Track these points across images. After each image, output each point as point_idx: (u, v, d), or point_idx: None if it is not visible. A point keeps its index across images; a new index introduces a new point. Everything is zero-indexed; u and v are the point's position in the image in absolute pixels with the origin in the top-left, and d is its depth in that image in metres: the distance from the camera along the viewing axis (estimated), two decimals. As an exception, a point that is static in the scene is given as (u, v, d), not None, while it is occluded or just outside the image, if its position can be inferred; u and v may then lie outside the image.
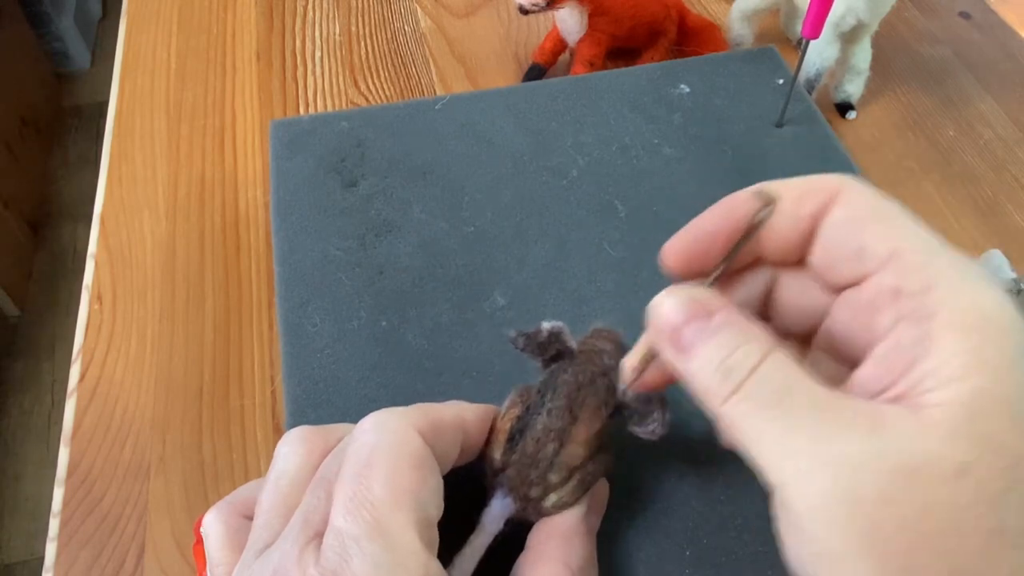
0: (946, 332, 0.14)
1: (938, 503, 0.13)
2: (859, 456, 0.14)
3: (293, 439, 0.18)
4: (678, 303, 0.16)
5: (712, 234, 0.18)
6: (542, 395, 0.19)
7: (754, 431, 0.15)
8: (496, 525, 0.18)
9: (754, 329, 0.16)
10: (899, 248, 0.16)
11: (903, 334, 0.15)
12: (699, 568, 0.20)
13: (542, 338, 0.20)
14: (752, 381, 0.15)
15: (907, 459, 0.14)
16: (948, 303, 0.15)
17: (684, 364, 0.16)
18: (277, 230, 0.27)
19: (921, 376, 0.14)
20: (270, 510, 0.17)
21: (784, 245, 0.17)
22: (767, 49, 0.33)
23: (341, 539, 0.15)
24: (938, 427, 0.14)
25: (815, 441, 0.14)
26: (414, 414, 0.17)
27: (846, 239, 0.16)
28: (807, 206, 0.17)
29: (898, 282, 0.15)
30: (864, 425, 0.14)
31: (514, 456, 0.18)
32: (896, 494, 0.13)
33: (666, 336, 0.16)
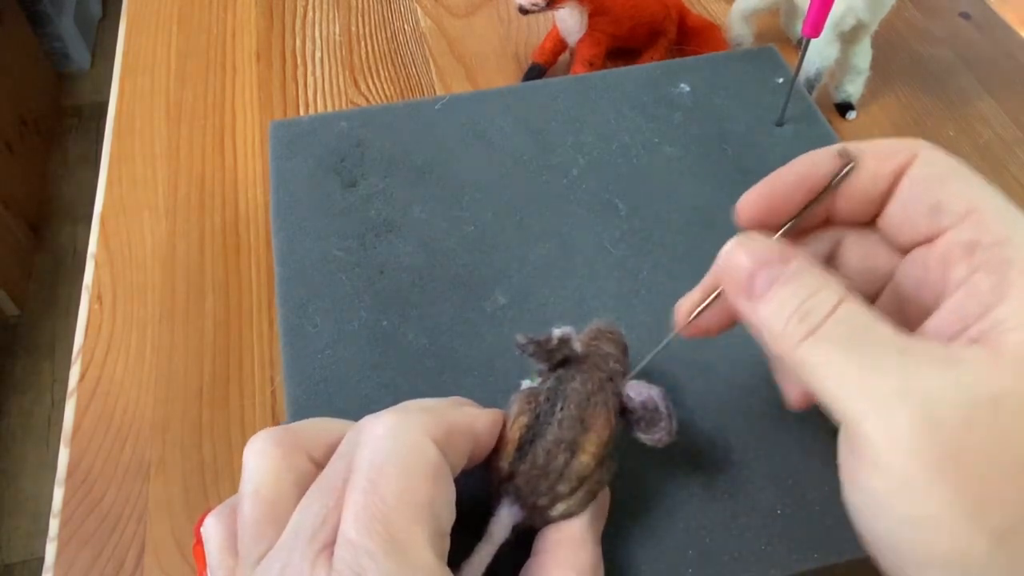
0: (1022, 279, 0.15)
1: (1016, 432, 0.14)
2: (939, 389, 0.14)
3: (263, 446, 0.18)
4: (752, 249, 0.17)
5: (791, 187, 0.18)
6: (552, 403, 0.19)
7: (832, 369, 0.15)
8: (503, 533, 0.18)
9: (829, 276, 0.16)
10: (976, 205, 0.16)
11: (979, 281, 0.15)
12: (701, 568, 0.20)
13: (552, 345, 0.20)
14: (830, 322, 0.15)
15: (986, 391, 0.14)
16: (1023, 253, 0.15)
17: (755, 309, 0.16)
18: (277, 230, 0.27)
19: (997, 320, 0.15)
20: (258, 521, 0.17)
21: (861, 203, 0.18)
22: (767, 48, 0.33)
23: (355, 553, 0.15)
24: (1015, 364, 0.14)
25: (895, 376, 0.14)
26: (429, 421, 0.17)
27: (924, 195, 0.17)
28: (889, 164, 0.17)
29: (975, 236, 0.16)
30: (943, 362, 0.14)
31: (523, 466, 0.18)
32: (976, 423, 0.14)
33: (740, 281, 0.16)
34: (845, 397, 0.15)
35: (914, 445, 0.14)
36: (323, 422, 0.19)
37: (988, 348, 0.14)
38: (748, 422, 0.23)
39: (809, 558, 0.21)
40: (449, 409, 0.18)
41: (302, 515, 0.16)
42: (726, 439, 0.22)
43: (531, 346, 0.20)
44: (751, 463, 0.22)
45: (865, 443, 0.14)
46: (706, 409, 0.23)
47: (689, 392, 0.23)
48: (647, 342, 0.21)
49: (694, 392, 0.23)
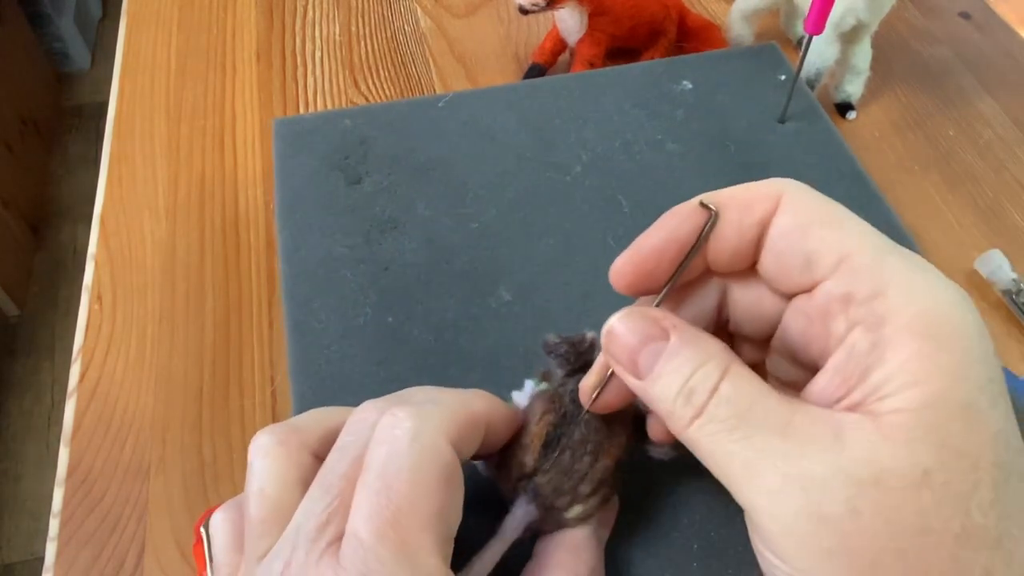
0: (898, 338, 0.14)
1: (904, 512, 0.13)
2: (823, 472, 0.14)
3: (267, 443, 0.18)
4: (632, 325, 0.16)
5: (659, 250, 0.17)
6: (578, 405, 0.19)
7: (720, 453, 0.15)
8: (516, 532, 0.18)
9: (710, 346, 0.16)
10: (847, 253, 0.15)
11: (857, 341, 0.15)
12: (706, 560, 0.20)
13: (584, 347, 0.20)
14: (714, 402, 0.15)
15: (869, 471, 0.14)
16: (899, 307, 0.14)
17: (644, 389, 0.16)
18: (282, 228, 0.27)
19: (877, 383, 0.14)
20: (263, 519, 0.17)
21: (732, 255, 0.17)
22: (769, 45, 0.34)
23: (364, 554, 0.15)
24: (896, 434, 0.14)
25: (780, 461, 0.14)
26: (447, 420, 0.17)
27: (793, 247, 0.16)
28: (751, 215, 0.17)
29: (848, 288, 0.15)
30: (825, 439, 0.14)
31: (547, 463, 0.18)
32: (862, 508, 0.13)
33: (623, 360, 0.16)
34: (736, 482, 0.15)
35: (806, 538, 0.14)
36: (321, 413, 0.19)
37: (868, 416, 0.14)
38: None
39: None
40: (463, 398, 0.18)
41: (306, 511, 0.16)
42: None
43: (563, 345, 0.20)
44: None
45: (762, 533, 0.15)
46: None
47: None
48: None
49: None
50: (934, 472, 0.13)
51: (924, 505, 0.13)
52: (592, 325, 0.25)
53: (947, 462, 0.13)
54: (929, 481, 0.13)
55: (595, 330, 0.21)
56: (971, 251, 0.35)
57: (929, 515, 0.13)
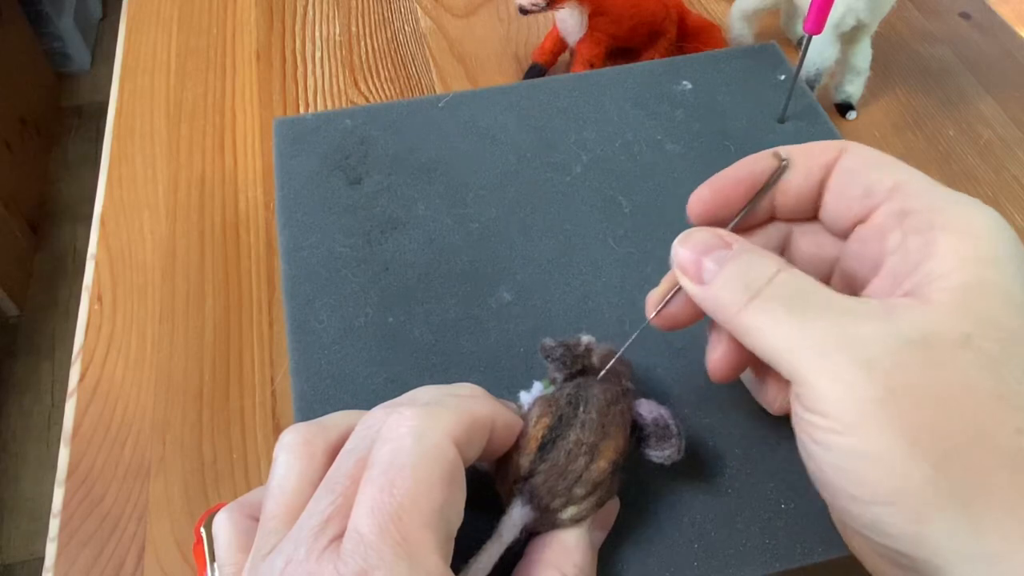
0: (947, 236, 0.16)
1: (946, 369, 0.15)
2: (873, 335, 0.15)
3: (292, 441, 0.18)
4: (698, 239, 0.18)
5: (734, 183, 0.19)
6: (574, 407, 0.19)
7: (774, 327, 0.16)
8: (513, 533, 0.18)
9: (768, 253, 0.18)
10: (901, 180, 0.17)
11: (910, 244, 0.17)
12: (707, 561, 0.20)
13: (580, 350, 0.20)
14: (771, 287, 0.16)
15: (916, 333, 0.15)
16: (948, 215, 0.16)
17: (704, 290, 0.17)
18: (283, 227, 0.27)
19: (926, 273, 0.16)
20: (275, 516, 0.17)
21: (798, 198, 0.19)
22: (768, 45, 0.34)
23: (365, 549, 0.15)
24: (942, 307, 0.15)
25: (832, 327, 0.15)
26: (452, 420, 0.17)
27: (854, 182, 0.18)
28: (818, 160, 0.19)
29: (904, 205, 0.17)
30: (876, 312, 0.16)
31: (543, 465, 0.18)
32: (908, 362, 0.15)
33: (688, 267, 0.18)
34: (787, 350, 0.16)
35: (853, 386, 0.15)
36: (349, 414, 0.19)
37: (918, 297, 0.16)
38: (751, 417, 0.23)
39: (813, 552, 0.21)
40: (469, 401, 0.18)
41: (310, 509, 0.16)
42: (730, 435, 0.23)
43: (559, 349, 0.20)
44: (754, 458, 0.22)
45: (808, 390, 0.15)
46: (710, 405, 0.23)
47: (692, 389, 0.23)
48: (653, 339, 0.21)
49: (697, 389, 0.23)
50: (975, 338, 0.15)
51: (966, 364, 0.15)
52: (592, 325, 0.25)
53: (986, 332, 0.15)
54: (970, 344, 0.15)
55: (595, 331, 0.21)
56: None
57: (970, 373, 0.15)
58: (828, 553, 0.21)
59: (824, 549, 0.21)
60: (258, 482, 0.29)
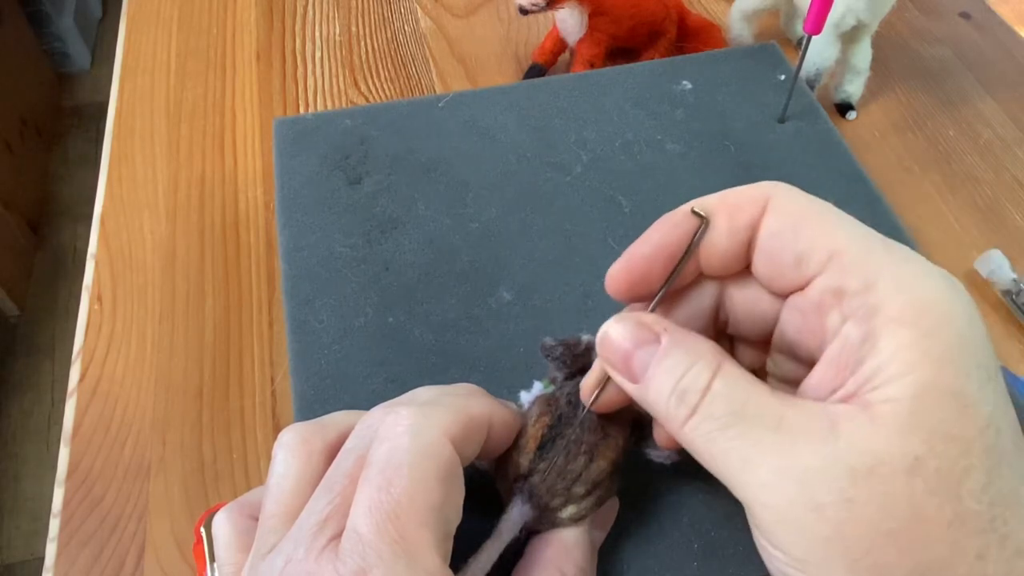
0: (889, 328, 0.14)
1: (897, 499, 0.14)
2: (817, 463, 0.14)
3: (291, 440, 0.18)
4: (624, 329, 0.17)
5: (650, 257, 0.18)
6: (573, 407, 0.19)
7: (716, 451, 0.15)
8: (512, 532, 0.18)
9: (701, 346, 0.16)
10: (836, 249, 0.16)
11: (849, 334, 0.15)
12: (707, 560, 0.20)
13: (580, 349, 0.20)
14: (707, 400, 0.15)
15: (861, 459, 0.14)
16: (889, 298, 0.15)
17: (639, 391, 0.17)
18: (282, 227, 0.27)
19: (869, 374, 0.14)
20: (274, 515, 0.17)
21: (724, 259, 0.17)
22: (768, 45, 0.34)
23: (362, 546, 0.15)
24: (887, 423, 0.14)
25: (774, 454, 0.14)
26: (448, 419, 0.17)
27: (783, 247, 0.16)
28: (740, 219, 0.17)
29: (840, 283, 0.15)
30: (818, 431, 0.14)
31: (542, 464, 0.18)
32: (856, 496, 0.14)
33: (618, 364, 0.17)
34: (733, 477, 0.15)
35: (802, 529, 0.14)
36: (348, 414, 0.19)
37: (862, 406, 0.14)
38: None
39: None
40: (466, 401, 0.18)
41: (309, 509, 0.16)
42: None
43: (560, 348, 0.20)
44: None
45: (760, 524, 0.15)
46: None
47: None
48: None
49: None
50: (925, 459, 0.14)
51: (916, 492, 0.14)
52: (592, 325, 0.25)
53: (938, 449, 0.14)
54: (921, 468, 0.14)
55: (595, 331, 0.21)
56: (971, 251, 0.35)
57: (922, 501, 0.14)
58: (828, 553, 0.21)
59: (824, 549, 0.21)
60: (258, 482, 0.29)
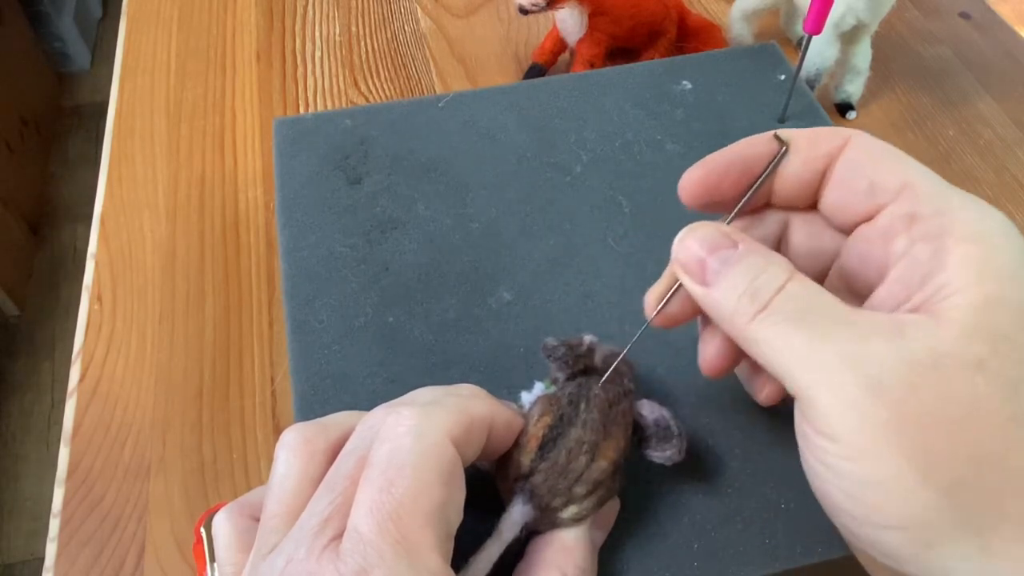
0: (959, 246, 0.15)
1: (958, 392, 0.14)
2: (883, 356, 0.15)
3: (293, 440, 0.18)
4: (701, 236, 0.17)
5: (728, 166, 0.18)
6: (575, 407, 0.19)
7: (782, 343, 0.16)
8: (513, 531, 0.18)
9: (776, 256, 0.17)
10: (910, 180, 0.17)
11: (919, 251, 0.16)
12: (707, 560, 0.20)
13: (582, 350, 0.20)
14: (779, 299, 0.16)
15: (928, 354, 0.14)
16: (959, 222, 0.16)
17: (708, 292, 0.17)
18: (282, 227, 0.27)
19: (938, 286, 0.15)
20: (275, 515, 0.17)
21: (797, 187, 0.18)
22: (768, 45, 0.34)
23: (364, 548, 0.15)
24: (955, 326, 0.15)
25: (841, 345, 0.15)
26: (450, 419, 0.17)
27: (858, 177, 0.17)
28: (820, 149, 0.18)
29: (912, 208, 0.16)
30: (887, 330, 0.15)
31: (543, 464, 0.18)
32: (919, 385, 0.14)
33: (691, 266, 0.17)
34: (796, 368, 0.15)
35: (862, 411, 0.14)
36: (351, 415, 0.19)
37: (930, 314, 0.15)
38: (751, 418, 0.23)
39: (812, 552, 0.21)
40: (468, 401, 0.18)
41: (310, 509, 0.16)
42: (729, 435, 0.23)
43: (561, 348, 0.20)
44: (754, 458, 0.22)
45: (816, 412, 0.15)
46: (710, 405, 0.23)
47: (692, 388, 0.23)
48: (652, 338, 0.21)
49: (697, 389, 0.23)
50: (988, 360, 0.14)
51: (979, 387, 0.14)
52: (592, 325, 0.25)
53: (1001, 352, 0.14)
54: (984, 367, 0.14)
55: (595, 331, 0.21)
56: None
57: (983, 397, 0.14)
58: (828, 553, 0.21)
59: (824, 549, 0.21)
60: (258, 482, 0.29)
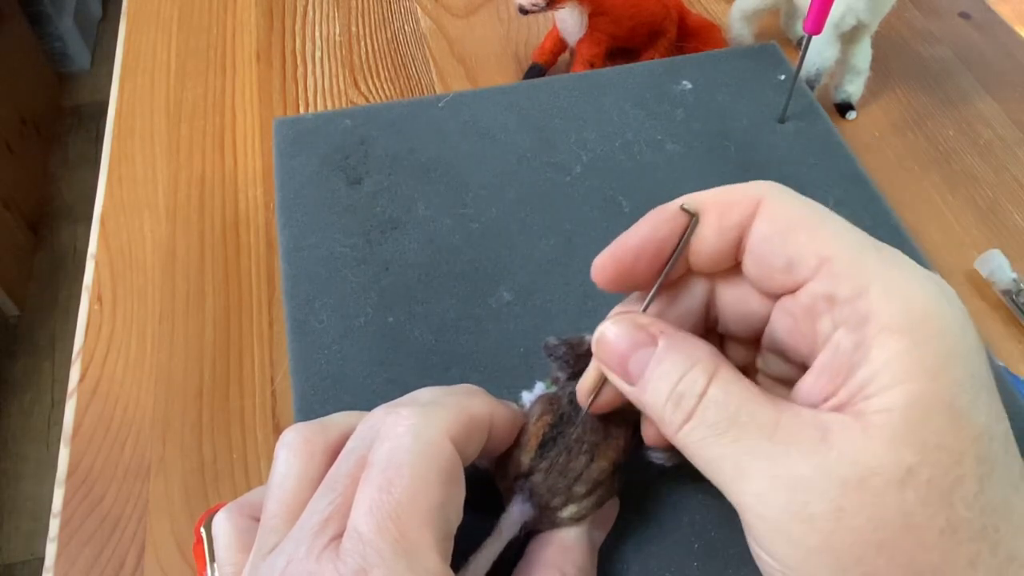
0: (881, 337, 0.14)
1: (888, 509, 0.14)
2: (808, 473, 0.14)
3: (293, 440, 0.18)
4: (621, 331, 0.17)
5: (638, 249, 0.18)
6: (575, 406, 0.19)
7: (710, 457, 0.15)
8: (513, 530, 0.18)
9: (698, 350, 0.16)
10: (827, 254, 0.15)
11: (841, 341, 0.15)
12: (707, 560, 0.20)
13: (583, 349, 0.20)
14: (701, 407, 0.15)
15: (853, 470, 0.14)
16: (881, 306, 0.15)
17: (635, 394, 0.17)
18: (283, 227, 0.27)
19: (861, 383, 0.14)
20: (275, 515, 0.17)
21: (713, 257, 0.17)
22: (768, 45, 0.34)
23: (364, 547, 0.15)
24: (880, 434, 0.14)
25: (767, 462, 0.15)
26: (449, 419, 0.17)
27: (773, 251, 0.16)
28: (731, 219, 0.17)
29: (831, 289, 0.15)
30: (811, 440, 0.14)
31: (543, 463, 0.18)
32: (847, 506, 0.14)
33: (614, 366, 0.17)
34: (727, 483, 0.15)
35: (792, 538, 0.14)
36: (351, 415, 0.19)
37: (856, 415, 0.14)
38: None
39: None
40: (467, 400, 0.18)
41: (310, 509, 0.16)
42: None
43: (562, 347, 0.20)
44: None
45: (750, 529, 0.15)
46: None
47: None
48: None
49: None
50: (917, 469, 0.14)
51: (908, 502, 0.14)
52: (592, 325, 0.25)
53: (930, 459, 0.14)
54: (913, 478, 0.14)
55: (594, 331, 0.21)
56: (971, 251, 0.35)
57: (913, 511, 0.14)
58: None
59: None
60: (258, 482, 0.29)
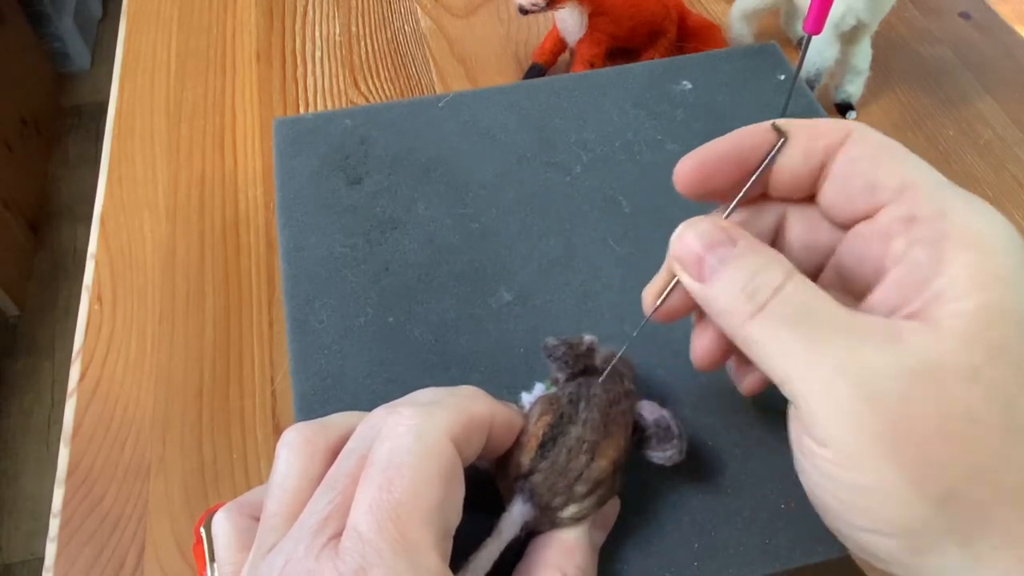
0: (958, 251, 0.15)
1: (953, 404, 0.14)
2: (880, 364, 0.14)
3: (294, 439, 0.18)
4: (699, 231, 0.17)
5: (724, 156, 0.18)
6: (575, 406, 0.19)
7: (778, 346, 0.15)
8: (513, 530, 0.18)
9: (775, 255, 0.17)
10: (911, 180, 0.16)
11: (918, 255, 0.16)
12: (707, 560, 0.20)
13: (582, 349, 0.20)
14: (777, 300, 0.16)
15: (923, 364, 0.14)
16: (959, 226, 0.15)
17: (705, 289, 0.17)
18: (283, 227, 0.27)
19: (935, 293, 0.15)
20: (275, 514, 0.17)
21: (795, 179, 0.18)
22: (768, 45, 0.34)
23: (362, 545, 0.15)
24: (952, 335, 0.14)
25: (838, 352, 0.15)
26: (450, 419, 0.17)
27: (859, 174, 0.17)
28: (820, 142, 0.17)
29: (912, 210, 0.16)
30: (883, 337, 0.15)
31: (543, 463, 0.18)
32: (914, 395, 0.14)
33: (689, 262, 0.17)
34: (792, 374, 0.15)
35: (856, 420, 0.14)
36: (352, 415, 0.19)
37: (927, 321, 0.15)
38: (751, 418, 0.23)
39: (813, 552, 0.21)
40: (468, 401, 0.18)
41: (310, 508, 0.16)
42: (730, 435, 0.23)
43: (562, 347, 0.20)
44: (754, 458, 0.22)
45: (811, 418, 0.15)
46: (710, 405, 0.23)
47: (692, 388, 0.23)
48: (652, 339, 0.21)
49: (697, 389, 0.23)
50: (985, 370, 0.14)
51: (974, 398, 0.14)
52: (592, 325, 0.25)
53: (998, 363, 0.14)
54: (980, 377, 0.14)
55: (595, 331, 0.21)
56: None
57: (978, 408, 0.14)
58: (828, 553, 0.21)
59: (824, 549, 0.21)
60: (258, 482, 0.29)
